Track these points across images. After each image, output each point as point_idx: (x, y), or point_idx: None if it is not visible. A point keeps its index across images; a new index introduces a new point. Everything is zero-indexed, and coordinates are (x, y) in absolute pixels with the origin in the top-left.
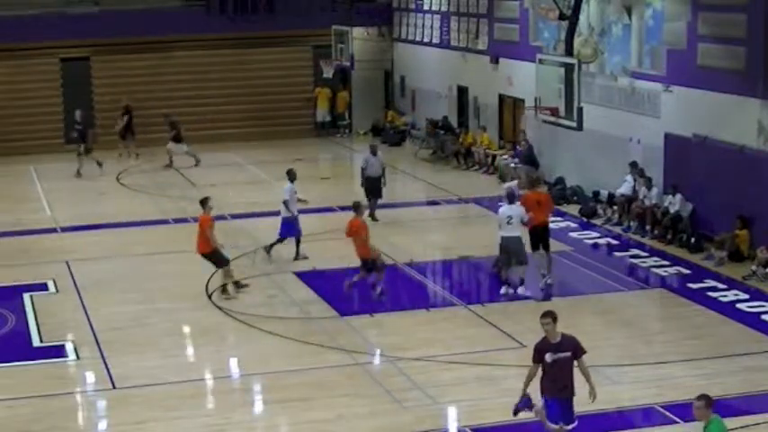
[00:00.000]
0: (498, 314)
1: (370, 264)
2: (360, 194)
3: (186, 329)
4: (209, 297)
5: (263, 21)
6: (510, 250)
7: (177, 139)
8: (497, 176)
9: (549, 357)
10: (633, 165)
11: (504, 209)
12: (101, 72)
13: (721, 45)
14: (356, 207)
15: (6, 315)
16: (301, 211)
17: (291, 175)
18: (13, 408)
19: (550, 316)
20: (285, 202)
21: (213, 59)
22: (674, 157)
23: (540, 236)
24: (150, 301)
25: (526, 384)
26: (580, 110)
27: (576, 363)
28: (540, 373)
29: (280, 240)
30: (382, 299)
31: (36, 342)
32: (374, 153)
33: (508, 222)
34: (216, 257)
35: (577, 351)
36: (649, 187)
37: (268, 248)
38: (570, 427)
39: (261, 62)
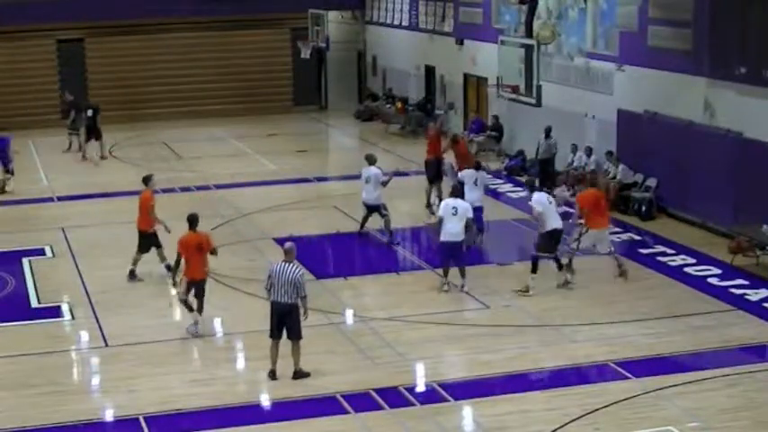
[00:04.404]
0: None
1: None
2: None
3: (173, 291)
4: None
5: (245, 5)
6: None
7: None
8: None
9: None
10: (588, 149)
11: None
12: (94, 52)
13: (670, 27)
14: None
15: (6, 278)
16: (279, 182)
17: (371, 160)
18: (13, 363)
19: None
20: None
21: (199, 41)
22: (626, 131)
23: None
24: (140, 265)
25: None
26: (539, 88)
27: None
28: None
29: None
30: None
31: (34, 303)
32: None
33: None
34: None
35: None
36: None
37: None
38: None
39: (243, 43)
